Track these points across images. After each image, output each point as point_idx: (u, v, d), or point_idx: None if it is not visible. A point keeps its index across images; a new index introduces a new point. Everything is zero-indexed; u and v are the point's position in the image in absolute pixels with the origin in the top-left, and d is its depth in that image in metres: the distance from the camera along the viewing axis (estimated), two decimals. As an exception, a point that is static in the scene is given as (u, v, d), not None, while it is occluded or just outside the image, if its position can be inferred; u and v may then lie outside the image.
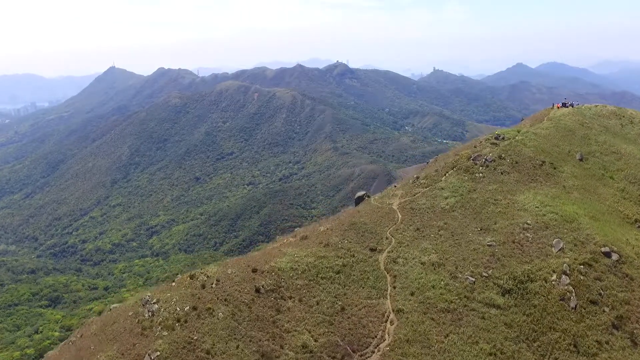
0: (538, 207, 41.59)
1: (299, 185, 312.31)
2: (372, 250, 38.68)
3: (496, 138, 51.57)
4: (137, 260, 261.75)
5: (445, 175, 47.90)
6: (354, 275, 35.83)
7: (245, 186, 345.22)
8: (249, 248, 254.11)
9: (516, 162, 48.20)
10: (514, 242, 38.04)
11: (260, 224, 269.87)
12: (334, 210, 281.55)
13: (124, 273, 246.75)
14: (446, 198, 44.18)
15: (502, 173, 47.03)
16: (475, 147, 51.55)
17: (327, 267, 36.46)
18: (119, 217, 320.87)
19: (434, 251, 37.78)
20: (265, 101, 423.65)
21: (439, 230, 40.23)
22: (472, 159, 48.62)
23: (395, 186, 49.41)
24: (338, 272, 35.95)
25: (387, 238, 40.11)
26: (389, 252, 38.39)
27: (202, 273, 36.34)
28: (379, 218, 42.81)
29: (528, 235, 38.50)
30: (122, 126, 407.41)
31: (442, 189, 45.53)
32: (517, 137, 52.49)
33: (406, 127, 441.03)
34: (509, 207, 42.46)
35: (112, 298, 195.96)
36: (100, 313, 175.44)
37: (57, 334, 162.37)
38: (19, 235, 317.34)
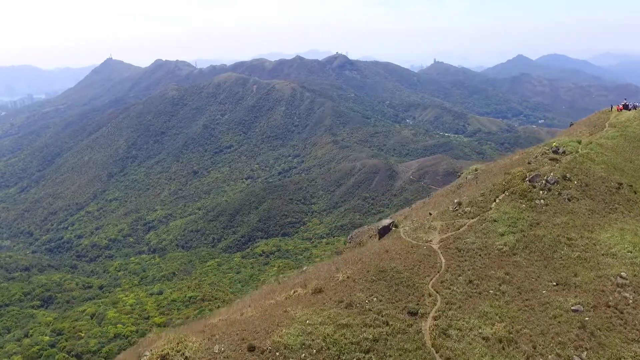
0: (631, 252, 30.51)
1: (298, 179, 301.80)
2: (411, 314, 27.93)
3: (555, 151, 40.50)
4: (133, 258, 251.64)
5: (495, 201, 36.98)
6: (390, 356, 25.19)
7: (244, 180, 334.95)
8: (248, 245, 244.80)
9: (586, 185, 37.09)
10: (608, 307, 27.15)
11: (259, 220, 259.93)
12: (334, 205, 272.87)
13: (119, 271, 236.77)
14: (502, 235, 33.29)
15: (569, 200, 36.06)
16: (529, 162, 40.33)
17: (352, 344, 25.75)
18: (115, 211, 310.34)
19: (498, 318, 27.02)
20: (264, 93, 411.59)
21: (500, 285, 29.40)
22: (529, 180, 37.67)
23: (430, 214, 38.46)
24: (368, 352, 25.29)
25: (430, 295, 29.29)
26: (435, 317, 27.62)
27: (178, 352, 25.75)
28: (416, 263, 31.98)
29: (627, 295, 27.54)
30: (119, 119, 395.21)
31: (495, 221, 34.57)
32: (580, 150, 41.56)
33: (407, 120, 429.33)
34: (589, 250, 31.66)
35: (107, 299, 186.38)
36: (92, 316, 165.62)
37: (47, 338, 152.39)
38: (14, 230, 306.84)
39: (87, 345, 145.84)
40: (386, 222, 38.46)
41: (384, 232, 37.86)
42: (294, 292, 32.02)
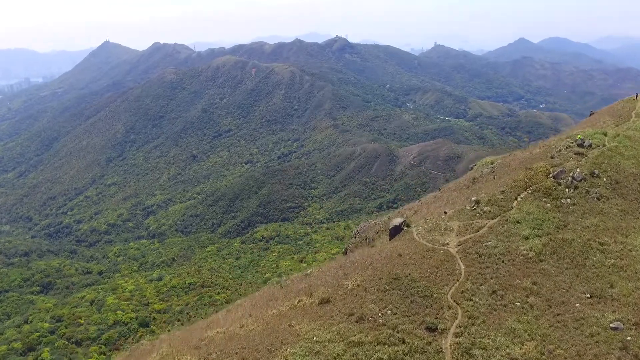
0: (673, 259, 27.70)
1: (298, 164, 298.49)
2: (430, 330, 24.97)
3: (580, 145, 37.05)
4: (132, 243, 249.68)
5: (516, 199, 33.75)
6: (408, 380, 22.36)
7: (243, 165, 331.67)
8: (247, 230, 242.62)
9: (616, 182, 33.78)
10: (652, 325, 24.27)
11: (259, 205, 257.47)
12: (334, 190, 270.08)
13: (118, 257, 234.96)
14: (527, 238, 30.11)
15: (598, 199, 32.84)
16: (552, 157, 36.87)
17: (365, 365, 22.91)
18: (114, 196, 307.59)
19: (527, 336, 24.02)
20: (263, 77, 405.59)
21: (527, 296, 26.34)
22: (553, 177, 34.35)
23: (445, 213, 35.23)
24: (383, 375, 22.52)
25: (449, 307, 26.27)
26: (456, 334, 24.64)
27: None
28: (432, 269, 28.91)
29: (672, 310, 24.75)
30: (117, 103, 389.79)
31: (518, 222, 31.40)
32: (607, 144, 38.13)
33: (407, 104, 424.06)
34: (624, 256, 28.54)
35: (106, 285, 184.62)
36: (92, 302, 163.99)
37: (46, 325, 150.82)
38: (13, 215, 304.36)
39: (86, 332, 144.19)
40: (397, 221, 35.28)
41: (395, 232, 34.73)
42: (299, 302, 29.03)
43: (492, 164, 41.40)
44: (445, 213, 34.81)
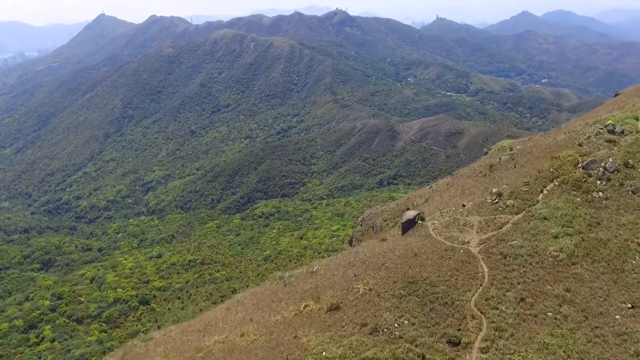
0: None
1: (298, 139, 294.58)
2: (452, 344, 22.22)
3: (610, 131, 33.59)
4: (131, 220, 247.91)
5: (542, 192, 30.60)
6: (430, 406, 19.69)
7: (243, 140, 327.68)
8: (247, 206, 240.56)
9: (653, 174, 30.81)
10: None
11: (258, 181, 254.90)
12: (334, 166, 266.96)
13: (118, 233, 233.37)
14: (556, 237, 27.06)
15: (634, 192, 29.52)
16: (580, 144, 33.38)
17: (381, 388, 20.23)
18: (113, 172, 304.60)
19: (563, 353, 21.20)
20: (262, 51, 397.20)
21: (560, 305, 23.45)
22: (583, 167, 31.09)
23: (464, 205, 32.07)
24: (401, 399, 19.87)
25: (473, 317, 23.44)
26: (482, 349, 21.88)
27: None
28: (452, 272, 26.01)
29: None
30: (114, 77, 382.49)
31: (545, 219, 28.33)
32: (640, 129, 34.62)
33: (408, 79, 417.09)
34: (667, 259, 25.71)
35: (106, 262, 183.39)
36: (92, 279, 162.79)
37: (47, 302, 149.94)
38: (12, 192, 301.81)
39: (87, 310, 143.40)
40: (411, 214, 32.22)
41: (408, 226, 31.71)
42: (305, 307, 26.21)
43: (510, 149, 38.01)
44: (464, 206, 31.70)
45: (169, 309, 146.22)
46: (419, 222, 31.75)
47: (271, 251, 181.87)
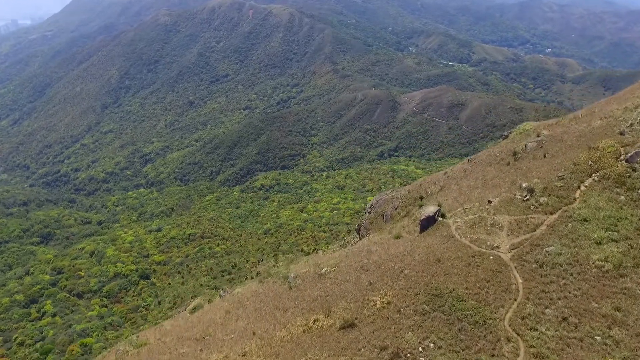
0: None
1: (297, 110, 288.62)
2: (486, 373, 19.19)
3: (653, 116, 29.76)
4: (130, 193, 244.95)
5: (579, 188, 26.99)
6: None
7: (242, 111, 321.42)
8: (247, 178, 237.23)
9: None
10: None
11: (258, 152, 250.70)
12: (335, 137, 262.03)
13: (117, 206, 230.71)
14: (599, 244, 23.62)
15: (685, 190, 26.17)
16: (621, 133, 29.47)
17: None
18: (111, 144, 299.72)
19: (618, 390, 18.23)
20: (261, 19, 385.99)
21: (610, 327, 20.20)
22: (626, 160, 27.21)
23: (490, 202, 28.44)
24: None
25: (508, 339, 20.29)
26: (522, 381, 18.85)
27: None
28: (482, 283, 22.74)
29: None
30: (110, 47, 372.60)
31: (586, 220, 24.81)
32: (686, 115, 30.48)
33: (410, 48, 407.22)
34: None
35: (105, 236, 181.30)
36: (92, 254, 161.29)
37: (47, 277, 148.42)
38: (9, 164, 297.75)
39: (87, 285, 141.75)
40: (430, 210, 28.71)
41: (427, 223, 28.28)
42: (315, 322, 23.04)
43: (538, 136, 34.13)
44: (490, 202, 28.17)
45: (169, 283, 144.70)
46: (439, 219, 28.32)
47: (271, 224, 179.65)
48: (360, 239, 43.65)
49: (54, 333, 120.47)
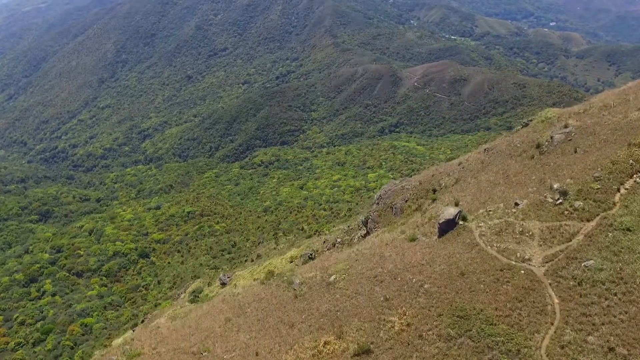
0: None
1: (297, 85, 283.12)
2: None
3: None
4: (129, 169, 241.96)
5: (619, 191, 24.03)
6: None
7: (241, 85, 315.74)
8: (246, 154, 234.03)
9: None
10: None
11: (257, 128, 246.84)
12: (335, 113, 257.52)
13: (115, 183, 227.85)
14: (648, 258, 21.01)
15: None
16: None
17: None
18: (108, 119, 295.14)
19: None
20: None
21: (665, 360, 17.79)
22: (672, 158, 24.20)
23: (517, 204, 25.41)
24: None
25: (547, 372, 17.79)
26: None
27: None
28: (512, 302, 20.04)
29: None
30: (105, 20, 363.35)
31: (629, 230, 21.89)
32: None
33: (411, 21, 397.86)
34: None
35: (104, 214, 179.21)
36: (90, 232, 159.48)
37: (47, 255, 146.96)
38: (6, 140, 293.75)
39: (87, 264, 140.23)
40: (450, 212, 25.81)
41: (447, 227, 25.47)
42: (325, 345, 20.45)
43: (565, 127, 30.82)
44: (516, 204, 25.26)
45: (169, 262, 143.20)
46: (461, 222, 25.50)
47: (271, 202, 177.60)
48: (367, 232, 41.02)
49: (54, 313, 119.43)
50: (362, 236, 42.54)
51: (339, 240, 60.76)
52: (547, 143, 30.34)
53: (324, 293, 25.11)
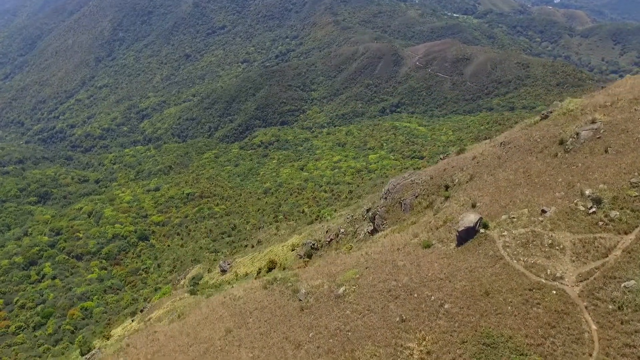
0: None
1: (297, 64, 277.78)
2: None
3: None
4: (127, 150, 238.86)
5: (660, 197, 21.68)
6: None
7: (240, 64, 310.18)
8: (246, 134, 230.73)
9: None
10: None
11: (256, 108, 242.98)
12: (335, 92, 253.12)
13: (114, 164, 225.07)
14: (694, 277, 18.73)
15: None
16: None
17: None
18: (106, 99, 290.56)
19: None
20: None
21: None
22: None
23: (544, 211, 22.94)
24: None
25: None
26: None
27: None
28: (544, 328, 17.88)
29: None
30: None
31: (673, 244, 19.78)
32: None
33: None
34: None
35: (103, 196, 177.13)
36: (90, 214, 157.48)
37: (46, 238, 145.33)
38: (3, 120, 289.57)
39: (86, 247, 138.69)
40: (470, 219, 23.43)
41: (466, 236, 23.17)
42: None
43: (593, 122, 28.09)
44: (543, 212, 22.87)
45: (169, 245, 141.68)
46: (482, 230, 23.18)
47: (271, 183, 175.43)
48: (374, 228, 38.79)
49: (54, 296, 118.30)
50: (369, 232, 40.33)
51: (342, 230, 58.59)
52: (571, 140, 27.78)
53: (333, 307, 22.95)
